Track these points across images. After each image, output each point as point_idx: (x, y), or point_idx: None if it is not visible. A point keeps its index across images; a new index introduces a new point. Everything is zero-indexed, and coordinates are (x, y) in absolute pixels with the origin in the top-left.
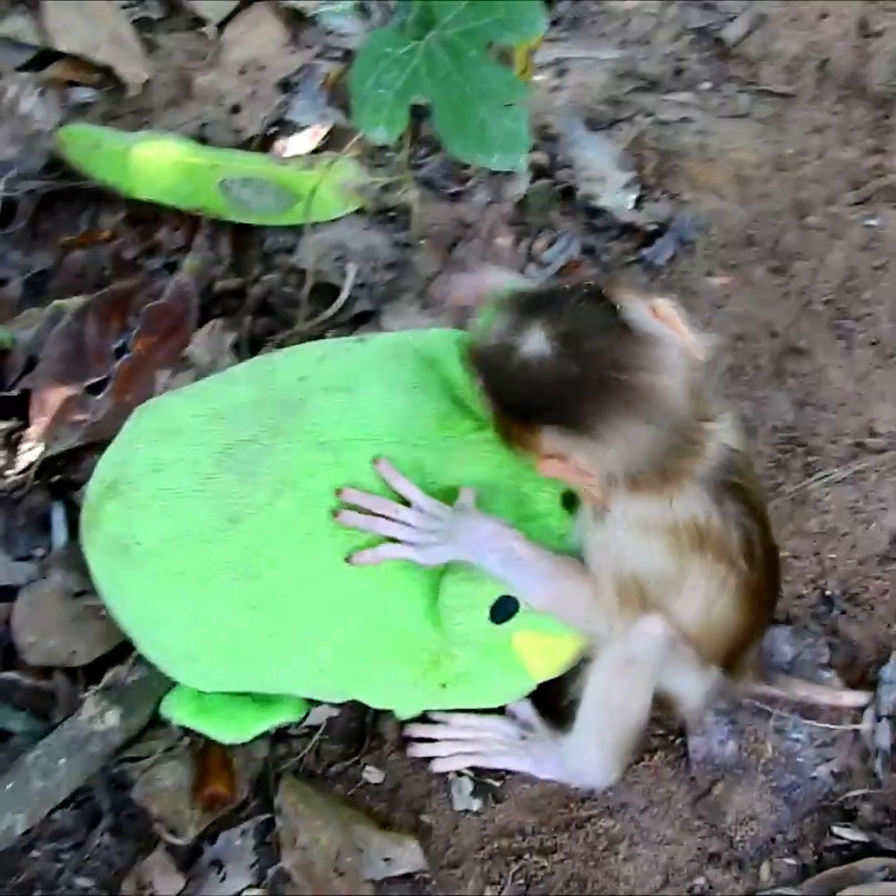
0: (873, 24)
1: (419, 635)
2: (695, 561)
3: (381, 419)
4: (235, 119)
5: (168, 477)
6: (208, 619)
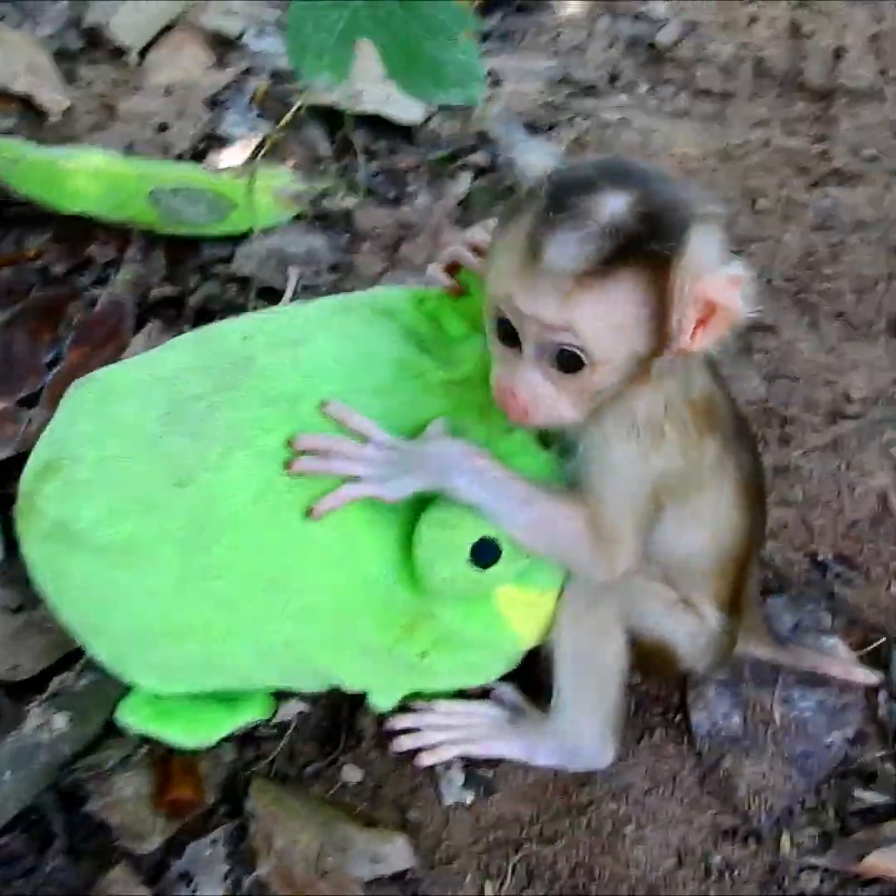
0: (805, 26)
1: (392, 593)
2: (707, 446)
3: (335, 369)
4: (163, 137)
5: (109, 445)
6: (162, 595)
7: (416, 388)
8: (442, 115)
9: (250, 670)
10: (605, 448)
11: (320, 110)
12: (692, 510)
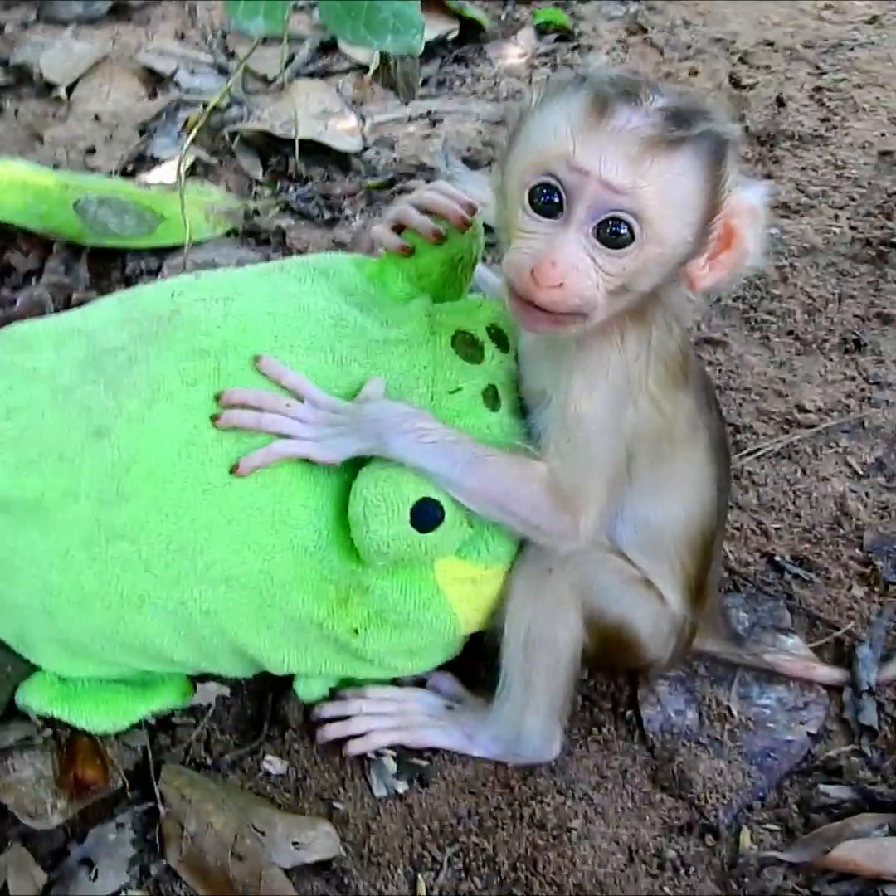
0: (745, 80)
1: (324, 561)
2: (681, 398)
3: (267, 325)
4: (91, 159)
5: (18, 395)
6: (72, 556)
7: (354, 346)
8: (379, 145)
9: (166, 647)
10: (582, 396)
11: (255, 139)
12: (667, 472)
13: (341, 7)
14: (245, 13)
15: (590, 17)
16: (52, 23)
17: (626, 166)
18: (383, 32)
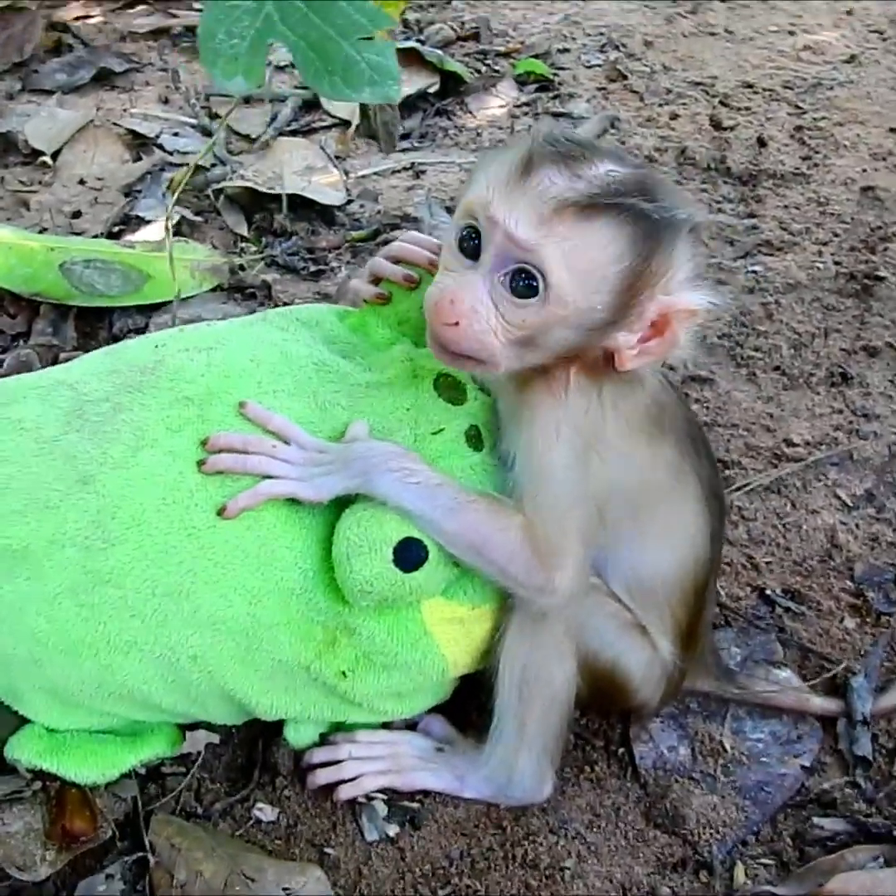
0: (726, 121)
1: (311, 603)
2: (658, 449)
3: (250, 372)
4: (77, 223)
5: (4, 447)
6: (58, 604)
7: (337, 391)
8: (362, 198)
9: (154, 694)
10: (539, 451)
11: (240, 196)
12: (651, 522)
13: (318, 62)
14: (224, 73)
15: (570, 66)
16: (36, 92)
17: (533, 223)
18: (360, 85)
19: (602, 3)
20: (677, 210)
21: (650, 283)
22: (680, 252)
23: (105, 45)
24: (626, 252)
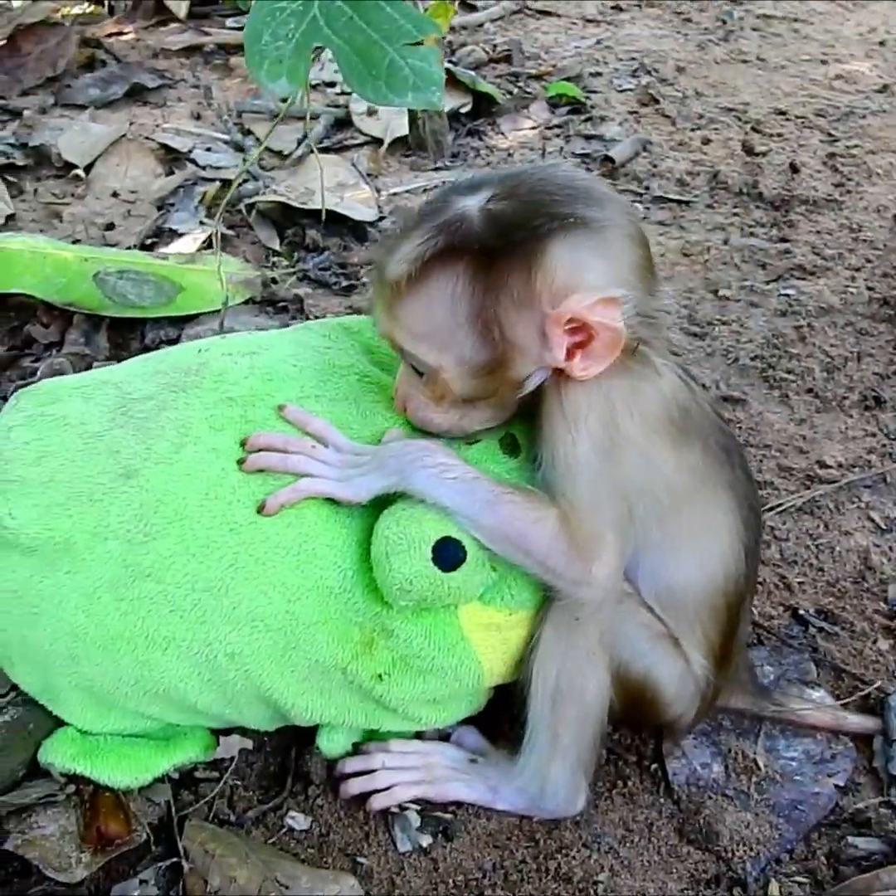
0: (758, 147)
1: (349, 601)
2: (683, 453)
3: (292, 376)
4: (110, 235)
5: (49, 443)
6: (98, 597)
7: (378, 401)
8: (394, 216)
9: (190, 693)
10: (563, 449)
11: (272, 211)
12: (677, 530)
13: (362, 66)
14: (269, 75)
15: (602, 90)
16: (69, 107)
17: (386, 316)
18: (404, 90)
19: (634, 28)
20: (545, 227)
21: (521, 306)
22: (548, 262)
23: (138, 62)
24: (459, 292)
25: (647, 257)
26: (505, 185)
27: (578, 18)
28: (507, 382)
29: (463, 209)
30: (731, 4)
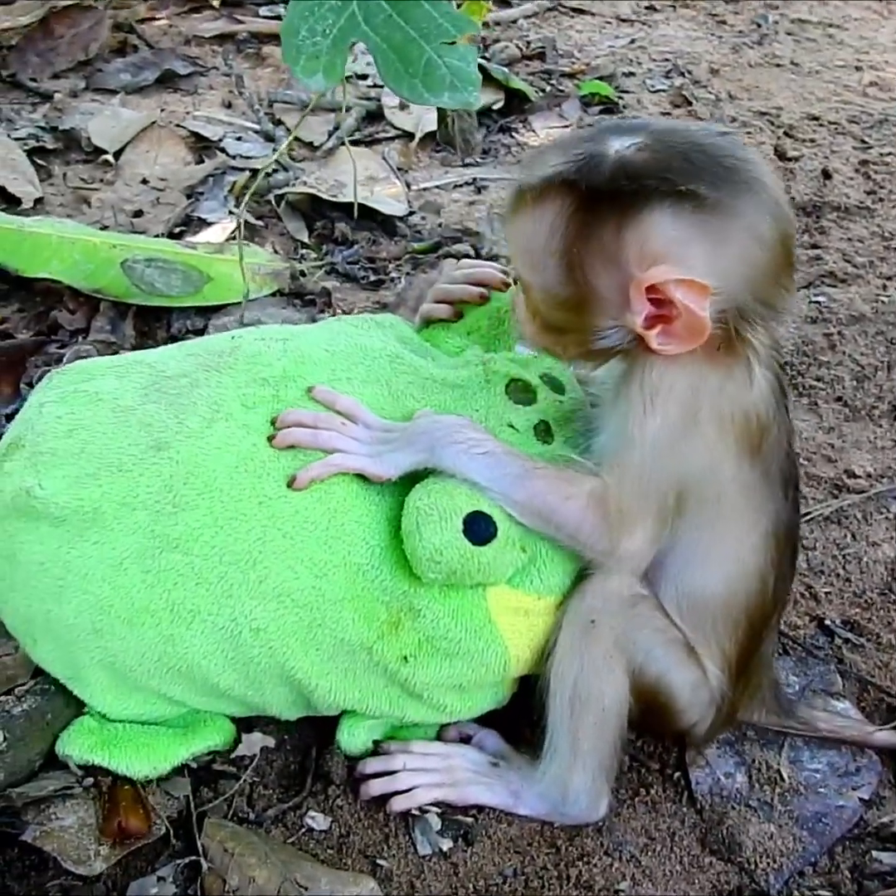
0: (790, 152)
1: (376, 579)
2: (745, 467)
3: (324, 359)
4: (138, 222)
5: (81, 417)
6: (125, 569)
7: (411, 382)
8: (424, 211)
9: (213, 671)
10: (632, 420)
11: (301, 203)
12: (710, 540)
13: (399, 64)
14: (305, 70)
15: (635, 90)
16: (100, 91)
17: (507, 219)
18: (440, 89)
19: (668, 29)
20: (634, 183)
21: (609, 258)
22: (648, 223)
23: (170, 48)
24: (557, 227)
25: (774, 263)
26: (655, 137)
27: (612, 17)
28: (586, 326)
29: (603, 149)
30: (766, 8)
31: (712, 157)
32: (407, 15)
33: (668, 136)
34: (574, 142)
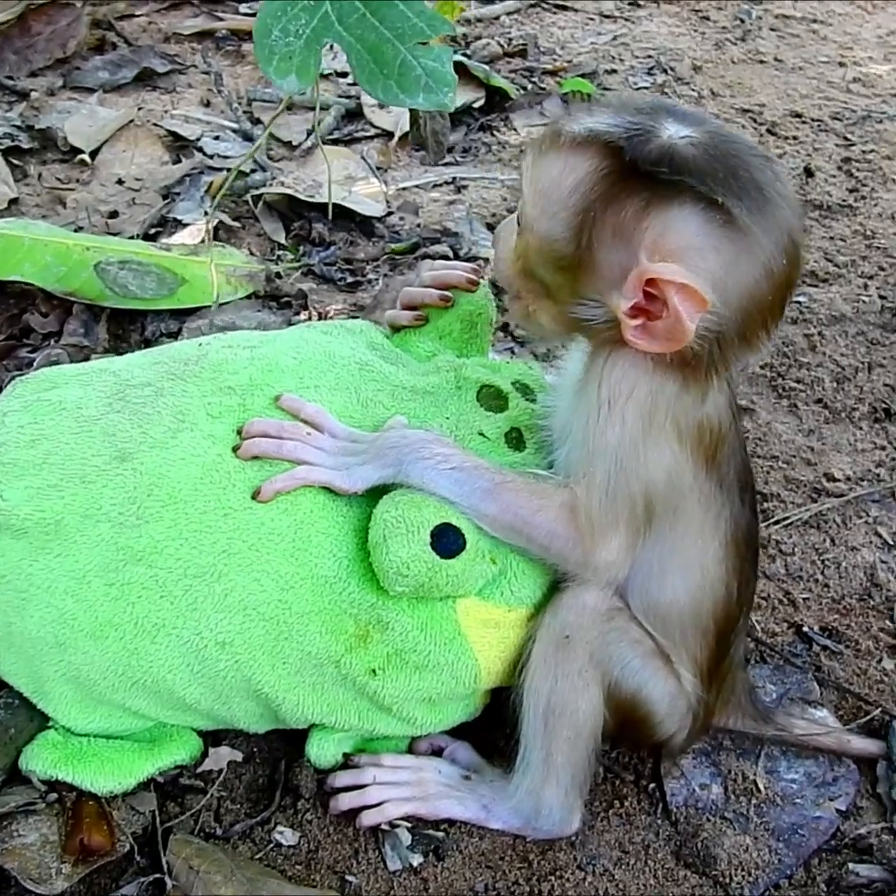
0: (773, 149)
1: (343, 591)
2: (701, 476)
3: (292, 367)
4: (113, 223)
5: (44, 427)
6: (87, 582)
7: (380, 390)
8: (402, 211)
9: (178, 684)
10: (592, 429)
11: (278, 203)
12: (670, 549)
13: (373, 65)
14: (277, 71)
15: (617, 87)
16: (77, 89)
17: (531, 153)
18: (415, 91)
19: (651, 25)
20: (676, 174)
21: (622, 234)
22: (674, 218)
23: (149, 45)
24: (584, 182)
25: (770, 304)
26: (709, 137)
27: (595, 14)
28: (568, 291)
29: (657, 128)
30: (750, 3)
31: (756, 182)
32: (381, 15)
33: (722, 142)
34: (629, 109)
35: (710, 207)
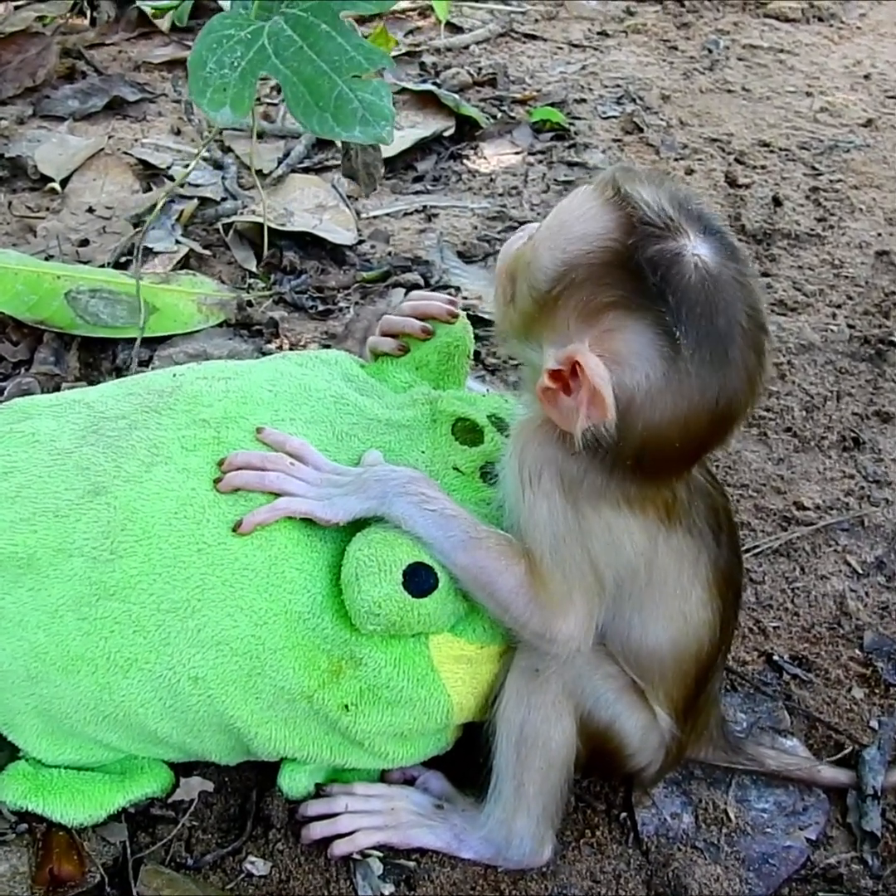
0: (741, 179)
1: (317, 627)
2: (662, 533)
3: (267, 399)
4: (84, 251)
5: (16, 459)
6: (59, 616)
7: (355, 423)
8: (373, 239)
9: (151, 719)
10: (520, 506)
11: (249, 232)
12: (653, 599)
13: (309, 97)
14: (211, 103)
15: (586, 116)
16: (47, 118)
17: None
18: (351, 123)
19: (620, 55)
20: (663, 284)
21: (585, 309)
22: (630, 329)
23: (119, 74)
24: (587, 239)
25: (671, 448)
26: (719, 273)
27: (564, 43)
28: (528, 319)
29: (678, 230)
30: (718, 34)
31: (728, 337)
32: (318, 48)
33: (726, 284)
34: (679, 197)
35: (665, 336)
